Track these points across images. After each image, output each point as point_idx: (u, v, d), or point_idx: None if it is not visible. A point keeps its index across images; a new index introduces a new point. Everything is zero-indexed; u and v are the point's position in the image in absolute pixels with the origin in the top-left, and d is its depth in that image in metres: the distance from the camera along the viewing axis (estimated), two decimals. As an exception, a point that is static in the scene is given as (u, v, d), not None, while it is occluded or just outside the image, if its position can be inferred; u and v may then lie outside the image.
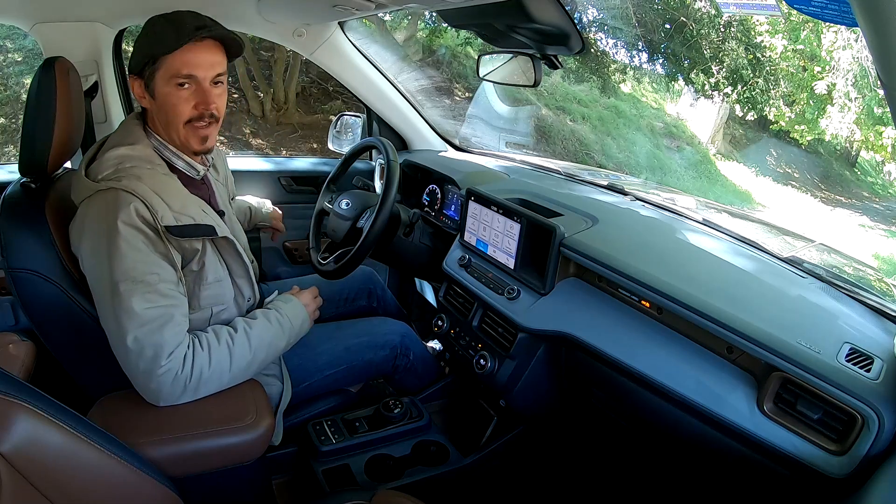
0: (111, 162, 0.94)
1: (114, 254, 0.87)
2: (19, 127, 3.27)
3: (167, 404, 0.92)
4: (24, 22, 1.41)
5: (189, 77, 0.94)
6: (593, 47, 7.64)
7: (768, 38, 7.40)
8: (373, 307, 1.53)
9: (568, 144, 7.36)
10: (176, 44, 0.92)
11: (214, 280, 1.00)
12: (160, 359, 0.88)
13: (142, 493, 0.73)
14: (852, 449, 0.73)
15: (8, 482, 0.56)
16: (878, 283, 1.25)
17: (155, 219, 0.90)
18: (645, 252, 1.06)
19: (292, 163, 1.92)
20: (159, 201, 0.91)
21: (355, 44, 1.71)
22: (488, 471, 1.26)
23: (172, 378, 0.89)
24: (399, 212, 1.38)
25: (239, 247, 1.04)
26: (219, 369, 0.94)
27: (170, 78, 0.94)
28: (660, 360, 0.93)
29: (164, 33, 0.93)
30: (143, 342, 0.87)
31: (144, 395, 0.91)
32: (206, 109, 0.97)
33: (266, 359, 1.02)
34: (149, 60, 0.94)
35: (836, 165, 10.50)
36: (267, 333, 1.02)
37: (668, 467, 1.15)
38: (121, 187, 0.89)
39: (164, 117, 0.97)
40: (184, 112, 0.96)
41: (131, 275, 0.87)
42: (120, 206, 0.88)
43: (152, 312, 0.88)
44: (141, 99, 0.98)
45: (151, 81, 0.95)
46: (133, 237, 0.88)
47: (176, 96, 0.95)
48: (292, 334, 1.07)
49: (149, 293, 0.88)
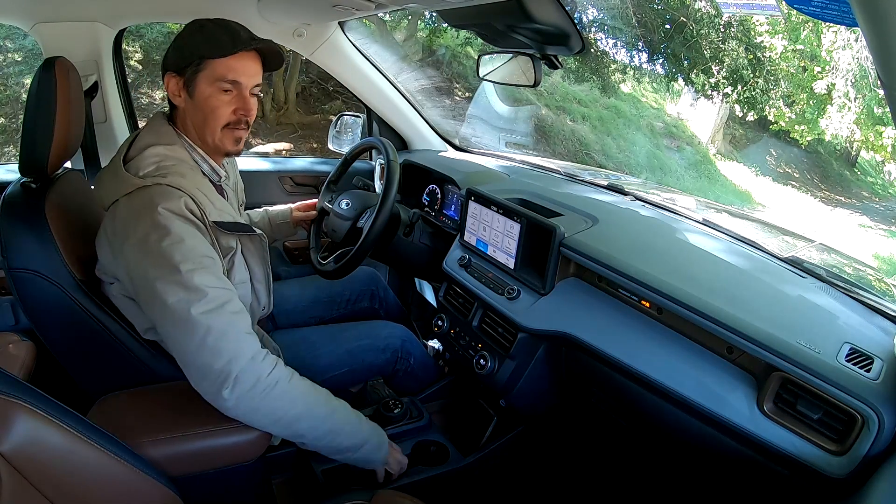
0: (152, 160, 0.94)
1: (169, 240, 0.85)
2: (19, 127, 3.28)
3: (224, 403, 0.85)
4: (24, 22, 1.41)
5: (234, 83, 0.96)
6: (593, 47, 7.64)
7: (768, 38, 7.40)
8: (374, 309, 1.53)
9: (568, 144, 7.36)
10: (231, 50, 0.94)
11: (240, 281, 1.00)
12: (242, 348, 0.84)
13: (142, 493, 0.73)
14: (852, 449, 0.73)
15: (8, 482, 0.56)
16: (878, 282, 1.25)
17: (203, 213, 0.91)
18: (645, 252, 1.06)
19: (292, 163, 1.93)
20: (204, 198, 0.93)
21: (355, 44, 1.71)
22: (488, 471, 1.26)
23: (255, 378, 0.85)
24: (399, 212, 1.38)
25: (266, 249, 1.05)
26: (292, 395, 0.89)
27: (215, 81, 0.95)
28: (660, 360, 0.93)
29: (218, 37, 0.94)
30: (217, 338, 0.83)
31: (205, 379, 0.85)
32: (245, 116, 0.99)
33: (320, 430, 0.94)
34: (195, 60, 0.94)
35: (836, 165, 10.51)
36: (344, 413, 0.97)
37: (668, 467, 1.15)
38: (167, 183, 0.89)
39: (200, 117, 0.98)
40: (223, 115, 0.98)
41: (191, 256, 0.85)
42: (168, 199, 0.88)
43: (219, 293, 0.86)
44: (174, 96, 0.98)
45: (193, 81, 0.96)
46: (185, 224, 0.88)
47: (218, 99, 0.96)
48: (359, 447, 0.98)
49: (211, 274, 0.87)
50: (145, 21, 1.81)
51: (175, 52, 0.97)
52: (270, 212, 1.40)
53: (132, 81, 5.26)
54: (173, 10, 1.57)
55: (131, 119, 1.65)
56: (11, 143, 4.83)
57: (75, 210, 1.09)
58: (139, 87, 5.46)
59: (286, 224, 1.39)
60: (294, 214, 1.40)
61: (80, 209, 1.11)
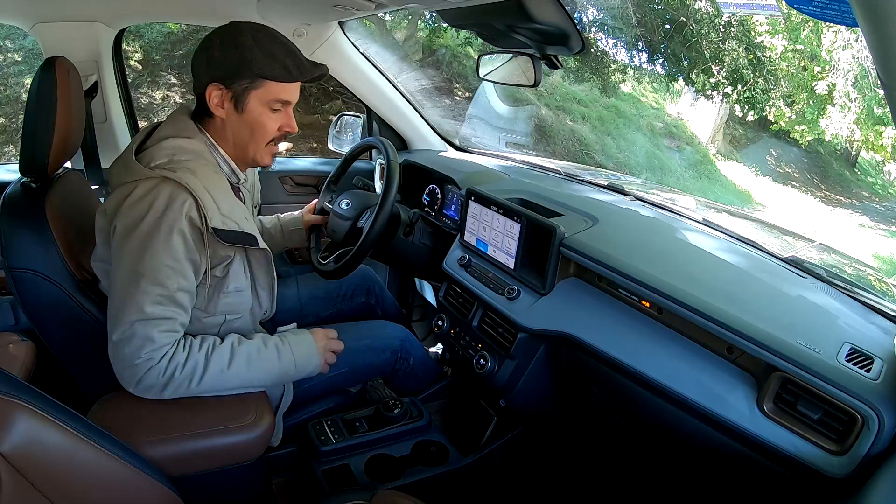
0: (166, 151, 0.93)
1: (148, 247, 0.87)
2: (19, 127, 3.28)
3: (137, 393, 0.92)
4: (24, 22, 1.41)
5: (286, 103, 0.99)
6: (593, 47, 7.64)
7: (768, 38, 7.40)
8: (371, 305, 1.53)
9: (568, 144, 7.36)
10: (296, 78, 0.96)
11: (234, 290, 0.99)
12: (143, 350, 0.88)
13: (142, 493, 0.73)
14: (852, 449, 0.73)
15: (8, 482, 0.56)
16: (878, 282, 1.25)
17: (203, 219, 0.90)
18: (645, 252, 1.06)
19: (292, 163, 1.93)
20: (210, 200, 0.91)
21: (355, 44, 1.71)
22: (488, 471, 1.26)
23: (146, 370, 0.89)
24: (399, 212, 1.38)
25: (271, 259, 1.04)
26: (189, 374, 0.92)
27: (269, 101, 0.96)
28: (660, 360, 0.93)
29: (282, 59, 0.94)
30: (135, 332, 0.88)
31: (118, 377, 0.92)
32: (290, 131, 1.02)
33: (250, 379, 0.99)
34: (250, 77, 0.93)
35: (836, 165, 10.50)
36: (255, 354, 0.99)
37: (668, 467, 1.15)
38: (175, 178, 0.88)
39: (246, 132, 0.98)
40: (271, 132, 1.00)
41: (155, 275, 0.88)
42: (170, 203, 0.88)
43: (158, 312, 0.89)
44: (217, 108, 0.96)
45: (244, 97, 0.95)
46: (174, 238, 0.88)
47: (268, 116, 0.98)
48: (290, 365, 1.03)
49: (163, 297, 0.89)
50: (145, 21, 1.81)
51: (223, 63, 0.93)
52: (283, 219, 1.40)
53: (132, 81, 5.25)
54: (173, 10, 1.57)
55: (131, 119, 1.66)
56: (11, 143, 4.83)
57: (75, 210, 1.09)
58: (139, 87, 5.46)
59: (298, 231, 1.39)
60: (305, 219, 1.40)
61: (81, 209, 1.11)
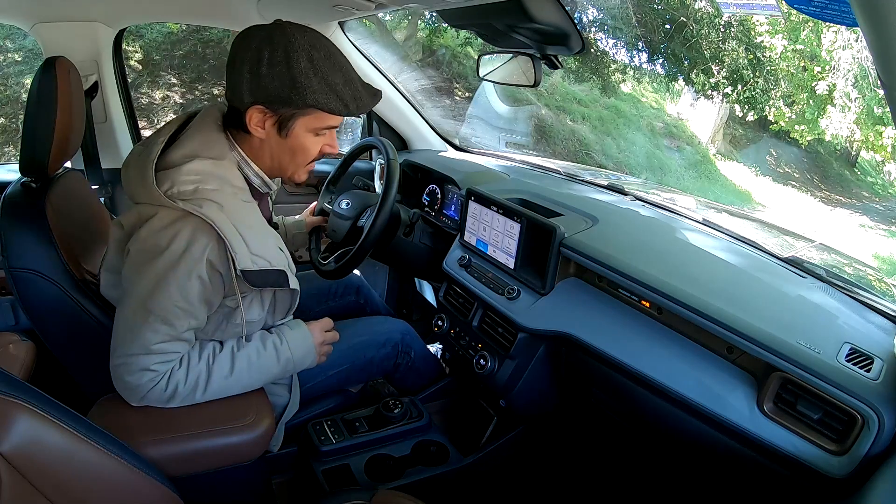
0: (191, 178, 0.86)
1: (162, 286, 0.84)
2: (19, 127, 3.28)
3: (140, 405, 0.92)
4: (24, 22, 1.41)
5: (333, 128, 0.95)
6: (593, 47, 7.65)
7: (768, 38, 7.41)
8: (360, 303, 1.53)
9: (568, 144, 7.37)
10: (353, 113, 0.90)
11: (247, 321, 0.97)
12: (144, 377, 0.89)
13: (142, 493, 0.73)
14: (852, 449, 0.73)
15: (8, 482, 0.56)
16: (878, 283, 1.25)
17: (230, 262, 0.85)
18: (645, 252, 1.06)
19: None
20: (239, 239, 0.85)
21: (355, 44, 1.71)
22: (488, 471, 1.26)
23: (148, 390, 0.89)
24: (399, 212, 1.38)
25: (298, 295, 1.00)
26: (192, 386, 0.92)
27: (317, 128, 0.92)
28: (660, 360, 0.93)
29: (339, 91, 0.88)
30: (137, 363, 0.88)
31: (119, 392, 0.92)
32: (332, 154, 0.98)
33: (251, 382, 0.99)
34: (301, 105, 0.87)
35: (836, 165, 10.50)
36: (255, 357, 0.98)
37: (668, 467, 1.15)
38: (201, 214, 0.82)
39: (287, 156, 0.94)
40: (312, 155, 0.95)
41: (165, 314, 0.86)
42: (191, 245, 0.83)
43: (162, 348, 0.89)
44: (257, 128, 0.89)
45: (290, 124, 0.89)
46: (190, 282, 0.85)
47: (313, 141, 0.94)
48: (289, 363, 1.02)
49: (170, 334, 0.88)
50: (145, 21, 1.80)
51: (271, 85, 0.85)
52: (287, 222, 1.40)
53: (132, 81, 5.26)
54: (173, 10, 1.57)
55: (131, 119, 1.65)
56: (11, 143, 4.83)
57: (75, 210, 1.09)
58: (139, 87, 5.46)
59: (301, 234, 1.39)
60: (308, 220, 1.40)
61: (81, 209, 1.11)
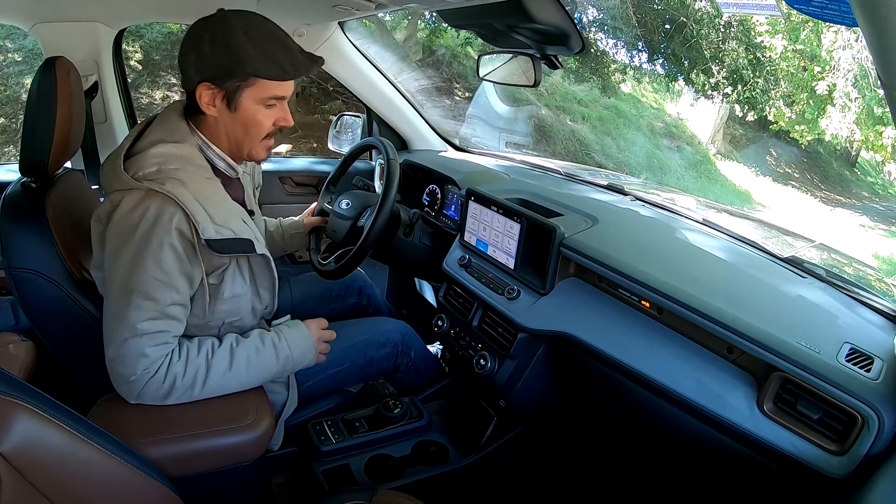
0: (154, 160, 0.90)
1: (138, 262, 0.86)
2: (19, 127, 3.28)
3: (138, 403, 0.92)
4: (24, 22, 1.41)
5: (280, 99, 0.95)
6: (593, 47, 7.64)
7: (768, 38, 7.41)
8: (363, 305, 1.53)
9: (568, 144, 7.36)
10: (292, 75, 0.92)
11: (232, 296, 0.98)
12: (138, 366, 0.88)
13: (142, 493, 0.73)
14: (852, 449, 0.73)
15: (8, 482, 0.56)
16: (878, 282, 1.25)
17: (194, 232, 0.87)
18: (645, 252, 1.06)
19: (292, 163, 1.92)
20: (202, 211, 0.88)
21: (355, 44, 1.71)
22: (488, 471, 1.26)
23: (144, 383, 0.89)
24: (399, 212, 1.38)
25: (272, 261, 1.02)
26: (191, 381, 0.92)
27: (262, 98, 0.93)
28: (660, 360, 0.93)
29: (276, 57, 0.90)
30: (129, 349, 0.88)
31: (117, 389, 0.92)
32: (285, 126, 0.99)
33: (249, 380, 0.99)
34: (242, 76, 0.90)
35: (836, 165, 10.50)
36: (255, 354, 0.99)
37: (668, 467, 1.15)
38: (164, 191, 0.85)
39: (240, 130, 0.96)
40: (265, 128, 0.97)
41: (146, 289, 0.87)
42: (159, 217, 0.85)
43: (150, 327, 0.88)
44: (209, 106, 0.92)
45: (237, 96, 0.91)
46: (164, 253, 0.86)
47: (263, 114, 0.95)
48: (288, 361, 1.03)
49: (155, 312, 0.88)
50: (145, 21, 1.80)
51: (213, 62, 0.89)
52: (284, 223, 1.40)
53: (132, 81, 5.26)
54: (173, 10, 1.57)
55: (131, 119, 1.66)
56: (11, 143, 4.83)
57: (75, 210, 1.09)
58: (139, 87, 5.46)
59: (299, 234, 1.39)
60: (305, 221, 1.40)
61: (81, 209, 1.11)
